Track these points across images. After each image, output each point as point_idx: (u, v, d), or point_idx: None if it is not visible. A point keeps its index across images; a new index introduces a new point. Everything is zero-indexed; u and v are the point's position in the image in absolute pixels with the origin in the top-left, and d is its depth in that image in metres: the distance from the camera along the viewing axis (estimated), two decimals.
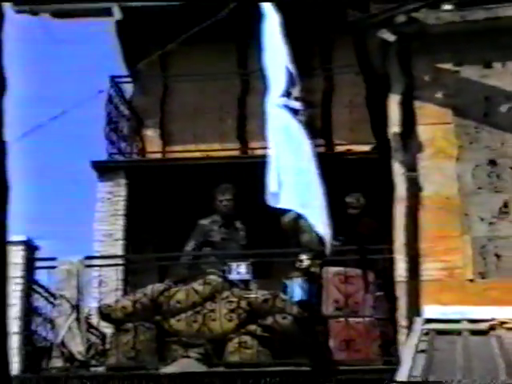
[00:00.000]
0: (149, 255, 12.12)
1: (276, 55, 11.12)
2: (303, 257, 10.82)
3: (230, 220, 11.86)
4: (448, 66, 9.55)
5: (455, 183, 9.38)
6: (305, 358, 10.19)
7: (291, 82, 10.92)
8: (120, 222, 12.53)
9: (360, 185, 11.40)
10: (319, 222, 10.29)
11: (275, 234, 11.52)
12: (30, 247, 10.84)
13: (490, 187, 9.33)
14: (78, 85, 17.67)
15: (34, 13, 12.57)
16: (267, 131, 10.77)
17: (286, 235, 11.52)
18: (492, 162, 9.37)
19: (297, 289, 10.74)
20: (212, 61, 13.22)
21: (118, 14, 12.63)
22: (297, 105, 10.79)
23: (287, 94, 10.81)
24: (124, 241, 12.47)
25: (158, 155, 13.52)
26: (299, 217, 11.11)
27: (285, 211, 11.08)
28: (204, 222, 11.77)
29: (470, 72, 9.52)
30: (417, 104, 9.58)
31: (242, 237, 11.88)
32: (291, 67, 11.00)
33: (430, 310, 8.96)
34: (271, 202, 10.30)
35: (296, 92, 10.91)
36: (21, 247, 10.69)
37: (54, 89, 20.49)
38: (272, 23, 11.24)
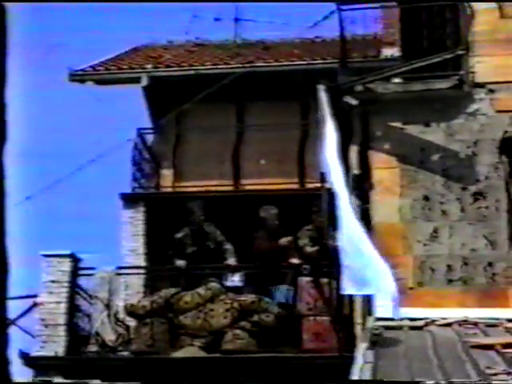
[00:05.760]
0: (163, 266, 11.81)
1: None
2: (307, 245, 10.75)
3: (201, 229, 11.33)
4: (396, 124, 9.67)
5: (397, 214, 9.51)
6: (284, 347, 10.21)
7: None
8: (141, 240, 12.43)
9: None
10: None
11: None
12: (74, 259, 10.90)
13: (424, 217, 9.46)
14: (113, 134, 17.82)
15: (83, 81, 12.83)
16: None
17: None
18: (426, 198, 9.50)
19: (278, 294, 10.80)
20: (214, 117, 13.11)
21: (145, 81, 12.76)
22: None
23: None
24: (145, 255, 12.37)
25: (170, 189, 13.45)
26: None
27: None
28: (178, 235, 11.36)
29: (413, 129, 9.63)
30: (370, 152, 9.71)
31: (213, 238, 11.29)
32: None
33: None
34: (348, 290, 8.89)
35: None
36: (68, 259, 10.79)
37: (94, 138, 20.64)
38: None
